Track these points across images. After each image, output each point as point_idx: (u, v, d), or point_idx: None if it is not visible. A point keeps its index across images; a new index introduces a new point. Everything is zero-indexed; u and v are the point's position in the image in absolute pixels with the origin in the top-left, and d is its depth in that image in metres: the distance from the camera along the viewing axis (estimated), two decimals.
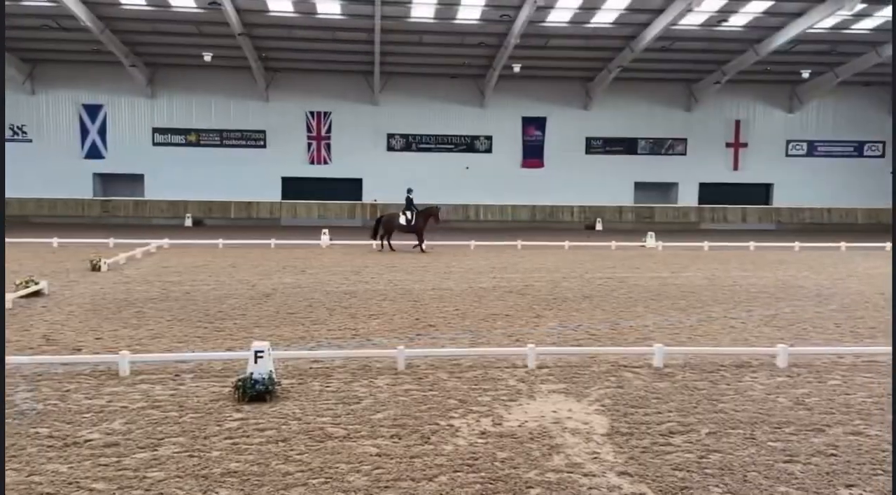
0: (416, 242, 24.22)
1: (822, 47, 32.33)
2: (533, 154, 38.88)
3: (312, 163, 38.16)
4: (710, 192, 39.66)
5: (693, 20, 28.85)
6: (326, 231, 27.04)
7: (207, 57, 33.34)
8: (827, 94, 38.01)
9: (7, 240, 13.97)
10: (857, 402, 8.04)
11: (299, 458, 6.25)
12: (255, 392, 7.74)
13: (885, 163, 39.64)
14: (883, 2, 26.55)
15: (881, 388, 8.61)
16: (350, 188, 38.65)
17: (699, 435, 6.93)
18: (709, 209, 39.38)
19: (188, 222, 36.56)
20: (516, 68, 33.21)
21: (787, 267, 21.30)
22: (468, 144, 38.70)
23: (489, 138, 38.70)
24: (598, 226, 37.34)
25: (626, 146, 39.10)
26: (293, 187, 38.42)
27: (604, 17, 28.69)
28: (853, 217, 39.53)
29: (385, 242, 24.21)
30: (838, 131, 39.67)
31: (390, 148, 38.50)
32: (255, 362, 7.93)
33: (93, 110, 37.63)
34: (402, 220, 23.75)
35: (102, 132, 37.72)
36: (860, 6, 25.97)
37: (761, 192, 40.22)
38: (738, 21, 29.19)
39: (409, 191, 24.85)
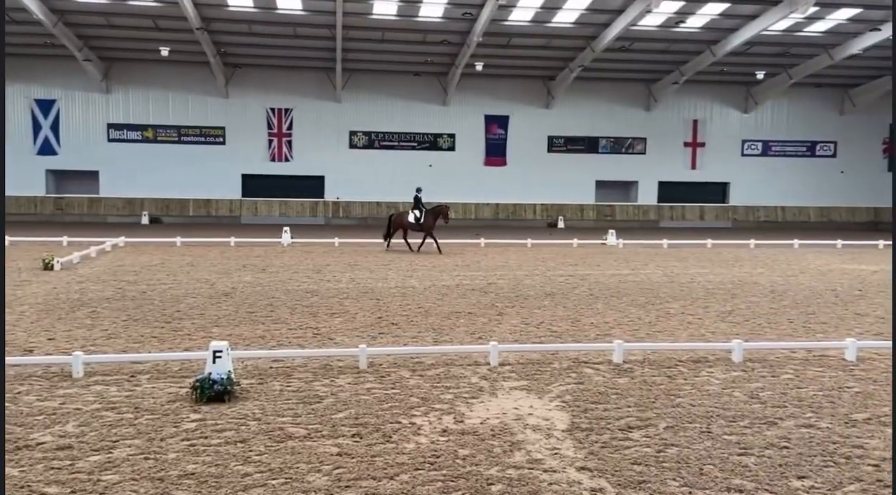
0: (420, 242, 23.82)
1: (776, 49, 33.10)
2: (496, 152, 39.04)
3: (273, 160, 37.72)
4: (669, 191, 40.33)
5: (652, 21, 29.28)
6: (287, 229, 26.78)
7: (164, 51, 32.71)
8: (781, 94, 38.94)
9: None
10: (809, 396, 8.26)
11: (259, 459, 6.18)
12: (213, 392, 7.62)
13: (835, 162, 40.77)
14: (834, 6, 27.30)
15: (832, 382, 8.86)
16: (312, 186, 38.32)
17: (657, 430, 7.03)
18: (668, 207, 40.03)
19: (145, 220, 35.84)
20: (479, 66, 33.31)
21: (743, 264, 21.77)
22: (431, 142, 38.69)
23: (452, 136, 38.75)
24: (561, 224, 37.68)
25: (588, 145, 39.52)
26: (253, 185, 37.94)
27: (565, 17, 28.93)
28: (806, 215, 40.58)
29: (403, 241, 23.97)
30: (791, 131, 40.68)
31: (353, 145, 38.28)
32: (214, 362, 7.81)
33: (45, 105, 36.61)
34: (411, 219, 23.40)
35: (55, 128, 36.73)
36: (813, 9, 26.64)
37: (718, 191, 41.03)
38: (695, 23, 29.70)
39: (419, 189, 24.40)
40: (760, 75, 36.19)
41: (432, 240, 23.66)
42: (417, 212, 23.35)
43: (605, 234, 28.42)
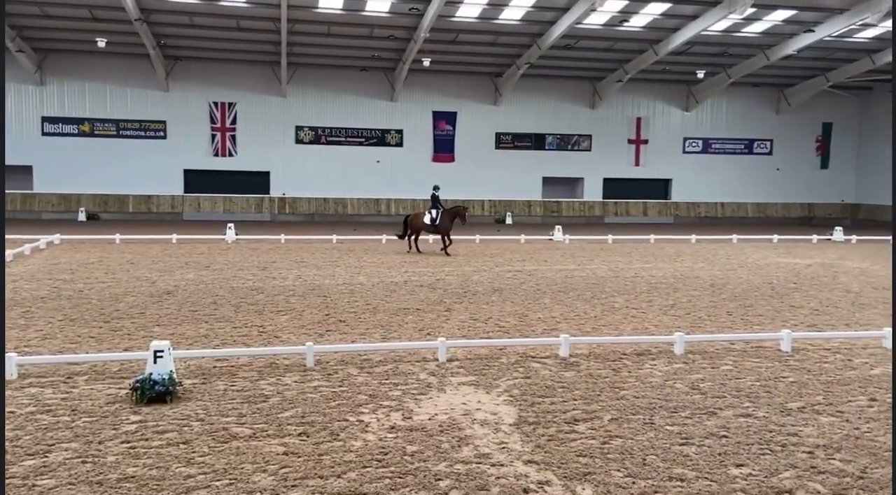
0: (443, 244, 22.59)
1: (716, 49, 33.97)
2: (444, 148, 39.05)
3: (217, 155, 36.87)
4: (613, 187, 41.02)
5: (596, 20, 29.68)
6: (232, 226, 26.26)
7: (101, 43, 31.60)
8: (720, 93, 39.98)
9: None
10: (747, 386, 8.53)
11: (202, 460, 6.05)
12: (154, 393, 7.43)
13: (772, 160, 42.11)
14: (770, 7, 28.16)
15: (768, 372, 9.17)
16: (257, 181, 37.62)
17: (602, 422, 7.16)
18: (612, 203, 40.71)
19: (82, 217, 34.63)
20: (426, 62, 33.23)
21: (684, 259, 22.33)
22: (379, 138, 38.44)
23: (400, 132, 38.58)
24: (508, 220, 37.95)
25: (535, 142, 39.86)
26: (196, 180, 37.03)
27: (511, 14, 29.10)
28: (744, 211, 41.84)
29: (412, 241, 22.85)
30: (730, 129, 41.84)
31: (299, 140, 37.72)
32: (155, 362, 7.62)
33: None
34: (427, 219, 22.12)
35: None
36: (750, 10, 27.41)
37: (661, 187, 41.93)
38: (638, 22, 30.24)
39: (436, 188, 23.37)
40: (701, 74, 37.11)
41: (442, 241, 22.56)
42: (434, 213, 22.08)
43: (551, 230, 28.76)
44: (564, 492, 5.59)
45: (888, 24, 29.51)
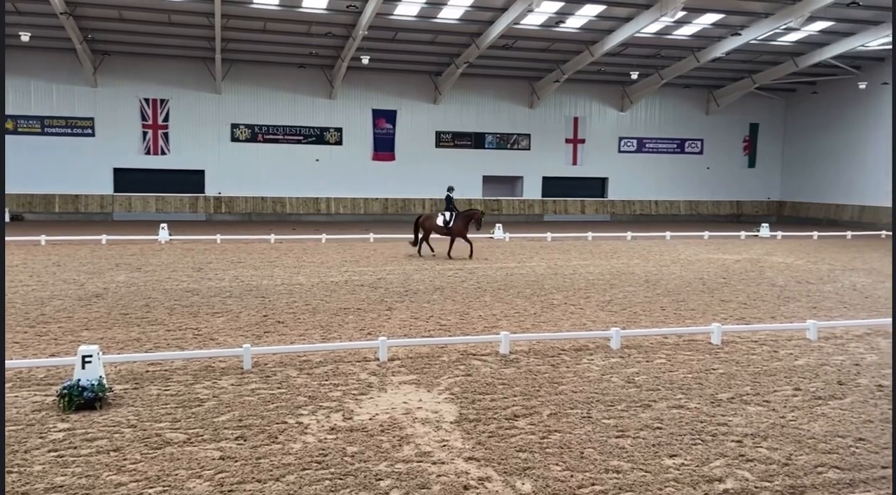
0: (450, 247, 21.69)
1: (649, 51, 34.87)
2: (384, 147, 38.89)
3: (148, 153, 35.77)
4: (552, 186, 41.64)
5: (533, 20, 30.06)
6: (165, 226, 25.55)
7: (25, 37, 30.25)
8: (653, 94, 41.06)
9: None
10: (680, 378, 8.79)
11: (134, 468, 5.87)
12: (83, 400, 7.17)
13: (702, 159, 43.49)
14: (700, 11, 29.06)
15: (700, 364, 9.47)
16: (191, 180, 36.68)
17: (541, 417, 7.26)
18: (551, 201, 41.33)
19: (5, 217, 33.13)
20: (365, 60, 33.02)
21: (620, 255, 22.85)
22: (318, 136, 37.99)
23: (339, 130, 38.23)
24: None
25: (475, 140, 40.11)
26: (127, 179, 35.84)
27: (450, 14, 29.20)
28: (676, 209, 43.10)
29: (426, 244, 21.96)
30: (663, 129, 43.02)
31: (235, 138, 36.94)
32: (83, 368, 7.35)
33: None
34: (440, 222, 21.23)
35: None
36: (681, 13, 28.24)
37: (598, 186, 42.78)
38: (574, 23, 30.76)
39: (450, 189, 22.52)
40: (635, 75, 38.01)
41: (450, 244, 21.66)
42: (447, 215, 21.25)
43: (492, 228, 29.00)
44: (504, 488, 5.64)
45: (810, 28, 30.87)
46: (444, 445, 6.49)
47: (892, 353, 5.16)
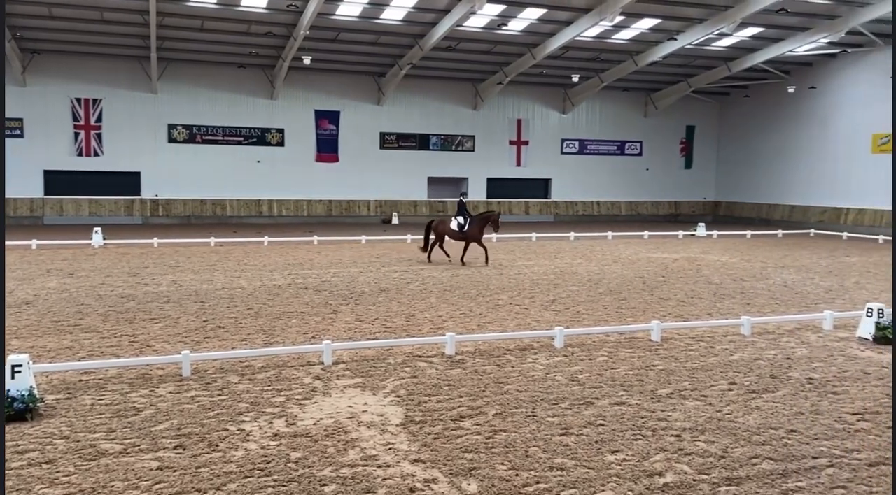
0: (462, 252, 20.83)
1: (589, 54, 35.49)
2: (327, 148, 38.50)
3: (81, 155, 34.54)
4: (496, 187, 41.97)
5: (476, 23, 30.23)
6: (99, 229, 24.72)
7: None
8: (594, 97, 41.83)
9: None
10: (621, 375, 8.96)
11: (67, 480, 5.65)
12: (12, 411, 6.88)
13: (641, 160, 44.51)
14: (638, 16, 29.72)
15: (640, 361, 9.67)
16: (127, 182, 35.56)
17: (487, 417, 7.29)
18: (496, 202, 41.62)
19: None
20: (307, 60, 32.62)
21: (564, 255, 23.17)
22: (259, 137, 37.35)
23: (281, 131, 37.67)
24: (395, 220, 37.97)
25: (419, 142, 40.10)
26: (58, 181, 34.52)
27: (393, 14, 29.11)
28: (618, 209, 44.00)
29: (438, 249, 21.08)
30: (604, 131, 43.87)
31: (172, 139, 36.00)
32: (13, 378, 7.05)
33: None
34: (455, 226, 20.38)
35: None
36: (619, 18, 28.84)
37: (541, 187, 43.32)
38: (516, 26, 31.08)
39: (463, 194, 21.77)
40: (576, 78, 38.64)
41: (464, 249, 20.81)
42: (461, 219, 20.39)
43: None
44: (450, 489, 5.64)
45: (742, 33, 31.95)
46: (390, 448, 6.45)
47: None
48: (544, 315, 12.93)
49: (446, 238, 20.93)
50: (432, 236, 20.83)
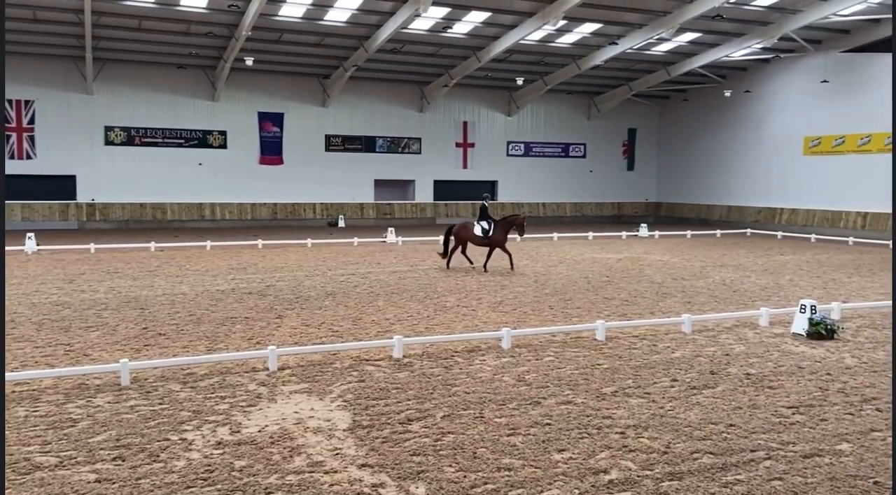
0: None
1: (533, 58, 35.93)
2: (271, 150, 37.94)
3: (13, 157, 33.24)
4: (443, 189, 42.07)
5: (421, 25, 30.26)
6: (32, 235, 23.79)
7: None
8: (538, 100, 42.36)
9: None
10: (567, 375, 9.07)
11: None
12: None
13: (585, 162, 45.27)
14: (580, 20, 30.24)
15: (586, 360, 9.81)
16: (61, 186, 34.33)
17: (435, 420, 7.29)
18: (443, 205, 41.75)
19: None
20: (249, 62, 32.09)
21: None
22: (200, 139, 36.56)
23: (223, 133, 36.95)
24: (341, 223, 37.67)
25: (365, 144, 39.88)
26: None
27: (337, 16, 28.88)
28: (563, 210, 44.63)
29: (463, 256, 20.32)
30: (548, 134, 44.46)
31: (109, 142, 34.93)
32: None
33: None
34: (478, 231, 19.53)
35: None
36: (562, 22, 29.26)
37: (487, 189, 43.51)
38: (461, 29, 31.23)
39: (486, 198, 21.05)
40: (520, 81, 39.05)
41: (487, 255, 20.10)
42: (485, 224, 19.61)
43: (384, 232, 28.91)
44: (398, 493, 5.62)
45: (680, 38, 32.81)
46: (337, 453, 6.39)
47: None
48: (491, 316, 13.00)
49: (468, 243, 20.26)
50: (452, 241, 20.17)
